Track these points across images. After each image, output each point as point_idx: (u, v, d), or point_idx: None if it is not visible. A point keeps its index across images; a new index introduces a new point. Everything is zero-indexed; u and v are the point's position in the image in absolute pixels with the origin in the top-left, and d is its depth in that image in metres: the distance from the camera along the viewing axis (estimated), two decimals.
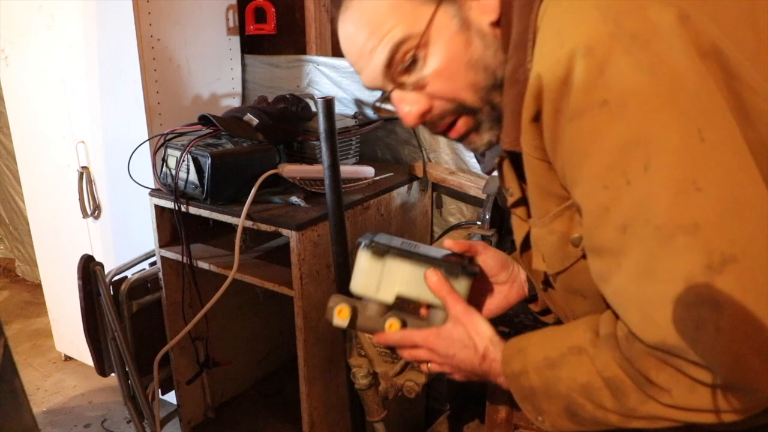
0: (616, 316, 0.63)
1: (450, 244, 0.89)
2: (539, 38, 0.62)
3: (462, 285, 0.84)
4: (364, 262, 0.85)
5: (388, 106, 0.77)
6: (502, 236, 1.57)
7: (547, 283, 0.80)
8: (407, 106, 0.74)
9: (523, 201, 0.76)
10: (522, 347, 0.74)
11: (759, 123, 0.56)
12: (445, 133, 0.77)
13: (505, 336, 0.98)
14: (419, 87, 0.73)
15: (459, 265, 0.84)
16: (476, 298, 0.92)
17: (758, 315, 0.52)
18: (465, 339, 0.80)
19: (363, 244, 0.84)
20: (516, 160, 0.72)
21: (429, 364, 0.86)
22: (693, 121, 0.53)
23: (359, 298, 0.89)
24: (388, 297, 0.86)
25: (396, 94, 0.74)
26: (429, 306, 0.88)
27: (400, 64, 0.71)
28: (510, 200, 0.78)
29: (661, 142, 0.54)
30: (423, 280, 0.84)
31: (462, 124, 0.75)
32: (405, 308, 0.89)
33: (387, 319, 0.87)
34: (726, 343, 0.52)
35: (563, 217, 0.68)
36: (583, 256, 0.68)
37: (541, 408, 0.71)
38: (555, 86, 0.58)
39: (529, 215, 0.77)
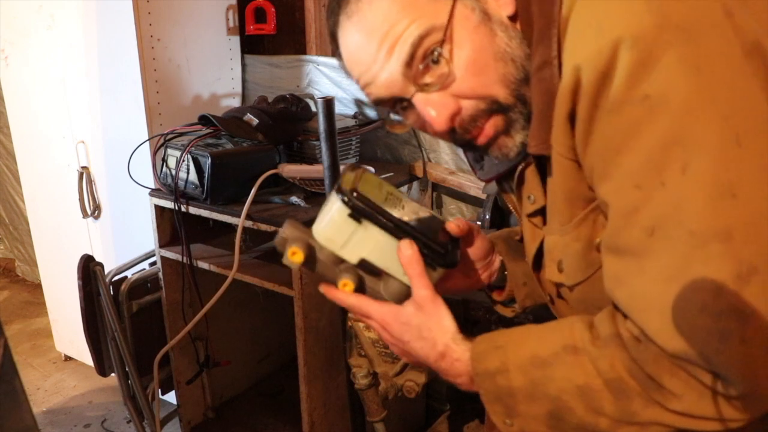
0: (614, 316, 0.61)
1: (453, 227, 0.79)
2: (571, 31, 0.59)
3: (437, 273, 0.76)
4: (337, 217, 0.73)
5: (399, 118, 0.71)
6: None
7: (558, 295, 0.76)
8: (434, 109, 0.67)
9: (542, 210, 0.72)
10: (500, 344, 0.68)
11: None
12: (475, 139, 0.70)
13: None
14: (444, 87, 0.66)
15: (440, 252, 0.74)
16: (444, 278, 0.80)
17: None
18: (423, 330, 0.73)
19: (344, 194, 0.71)
20: (541, 165, 0.69)
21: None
22: (733, 125, 0.52)
23: None
24: (351, 258, 0.75)
25: (420, 97, 0.68)
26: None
27: (422, 62, 0.65)
28: (531, 208, 0.73)
29: (702, 144, 0.52)
30: (395, 259, 0.74)
31: (491, 125, 0.69)
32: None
33: (342, 276, 0.76)
34: (749, 355, 0.52)
35: (588, 220, 0.65)
36: None
37: (515, 410, 0.66)
38: (595, 79, 0.55)
39: (543, 223, 0.73)
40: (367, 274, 0.77)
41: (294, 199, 1.59)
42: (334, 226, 0.74)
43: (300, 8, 2.10)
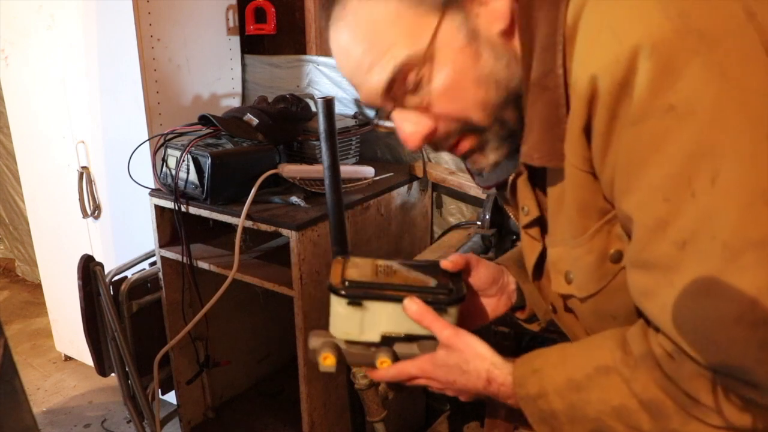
0: (646, 332, 0.61)
1: (448, 265, 0.81)
2: (582, 38, 0.57)
3: (451, 313, 0.77)
4: (340, 309, 0.76)
5: (389, 123, 0.71)
6: (502, 236, 1.57)
7: (566, 307, 0.75)
8: (409, 127, 0.68)
9: (538, 221, 0.72)
10: (537, 368, 0.69)
11: None
12: (450, 151, 0.72)
13: (504, 336, 0.97)
14: (422, 107, 0.67)
15: (444, 294, 0.76)
16: (462, 313, 0.82)
17: None
18: (462, 364, 0.74)
19: (335, 289, 0.75)
20: (535, 176, 0.68)
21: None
22: (764, 128, 0.50)
23: None
24: (374, 338, 0.78)
25: (397, 114, 0.68)
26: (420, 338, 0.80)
27: (402, 86, 0.65)
28: (525, 220, 0.73)
29: (731, 152, 0.50)
30: (406, 320, 0.76)
31: (466, 144, 0.69)
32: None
33: (377, 357, 0.79)
34: None
35: (602, 232, 0.63)
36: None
37: (563, 431, 0.67)
38: (613, 89, 0.54)
39: (542, 234, 0.73)
40: (399, 343, 0.79)
41: (294, 199, 1.59)
42: (342, 320, 0.77)
43: (300, 8, 2.10)
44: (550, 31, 0.60)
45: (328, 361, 0.80)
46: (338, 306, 0.76)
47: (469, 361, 0.74)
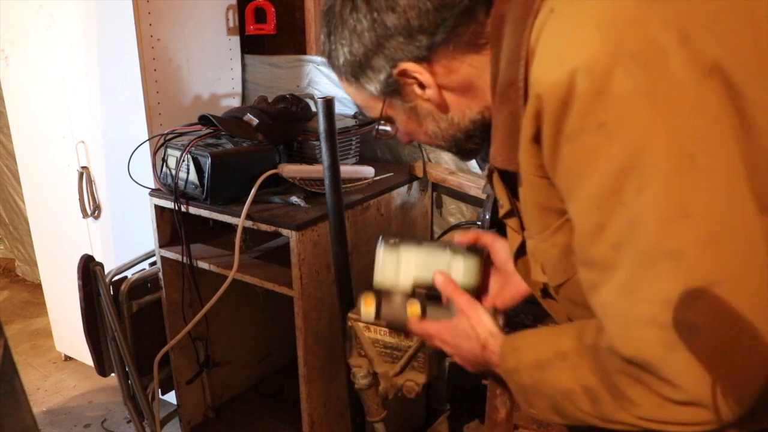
0: (599, 326, 0.65)
1: (458, 238, 0.96)
2: (536, 58, 0.62)
3: (469, 264, 0.92)
4: (382, 255, 0.95)
5: (387, 128, 0.85)
6: (502, 236, 1.57)
7: (546, 293, 0.81)
8: (396, 133, 0.86)
9: (513, 213, 0.78)
10: (516, 346, 0.78)
11: (764, 138, 0.57)
12: None
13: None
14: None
15: (460, 246, 0.93)
16: (490, 288, 0.99)
17: (732, 341, 0.55)
18: (468, 330, 0.85)
19: (380, 240, 0.95)
20: (505, 174, 0.74)
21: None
22: (688, 147, 0.55)
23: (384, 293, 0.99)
24: (406, 283, 0.95)
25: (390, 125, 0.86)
26: None
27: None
28: (501, 212, 0.80)
29: (655, 168, 0.55)
30: (437, 263, 0.93)
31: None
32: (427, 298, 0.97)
33: (409, 303, 0.94)
34: (697, 366, 0.55)
35: (564, 229, 0.69)
36: None
37: (532, 402, 0.75)
38: (555, 107, 0.59)
39: (521, 227, 0.78)
40: (429, 304, 0.94)
41: (294, 199, 1.59)
42: (382, 264, 0.95)
43: (300, 8, 2.10)
44: (515, 46, 0.65)
45: (368, 303, 0.97)
46: (380, 253, 0.95)
47: (475, 326, 0.85)
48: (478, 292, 0.97)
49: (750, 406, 0.58)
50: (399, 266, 0.94)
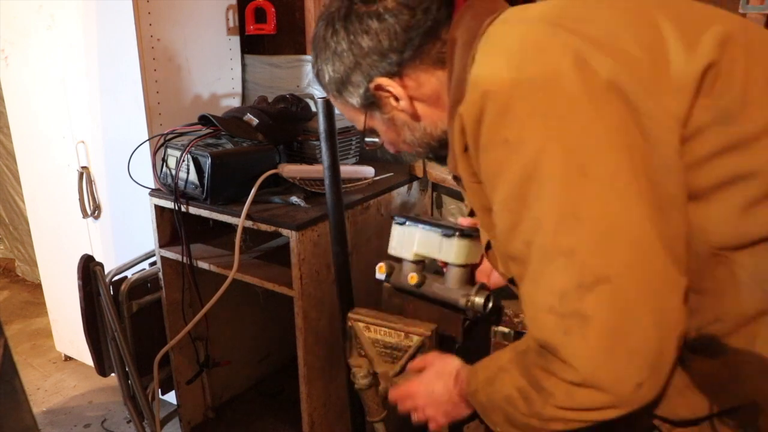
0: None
1: (462, 220, 1.09)
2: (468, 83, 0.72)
3: (461, 245, 1.04)
4: (393, 231, 1.13)
5: (375, 139, 0.95)
6: None
7: (512, 282, 0.86)
8: (381, 143, 0.96)
9: (473, 212, 0.89)
10: (476, 369, 0.85)
11: (660, 147, 0.64)
12: None
13: (504, 336, 1.07)
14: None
15: (454, 228, 1.04)
16: (485, 267, 1.09)
17: (620, 330, 0.62)
18: (439, 369, 0.94)
19: (394, 218, 1.13)
20: (458, 179, 0.85)
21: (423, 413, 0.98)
22: (579, 158, 0.63)
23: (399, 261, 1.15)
24: (409, 255, 1.11)
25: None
26: (446, 263, 1.08)
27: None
28: (466, 210, 0.92)
29: (549, 177, 0.64)
30: (432, 242, 1.07)
31: None
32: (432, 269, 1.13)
33: (410, 274, 1.10)
34: (589, 349, 0.64)
35: None
36: None
37: (492, 419, 0.81)
38: (472, 124, 0.70)
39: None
40: (430, 275, 1.10)
41: (294, 199, 1.59)
42: (393, 237, 1.12)
43: (300, 8, 2.10)
44: (461, 68, 0.77)
45: (381, 270, 1.13)
46: (393, 228, 1.12)
47: (446, 365, 0.94)
48: (473, 268, 1.09)
49: (653, 393, 0.65)
50: (404, 240, 1.11)
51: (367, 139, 0.95)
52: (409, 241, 1.10)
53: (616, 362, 0.63)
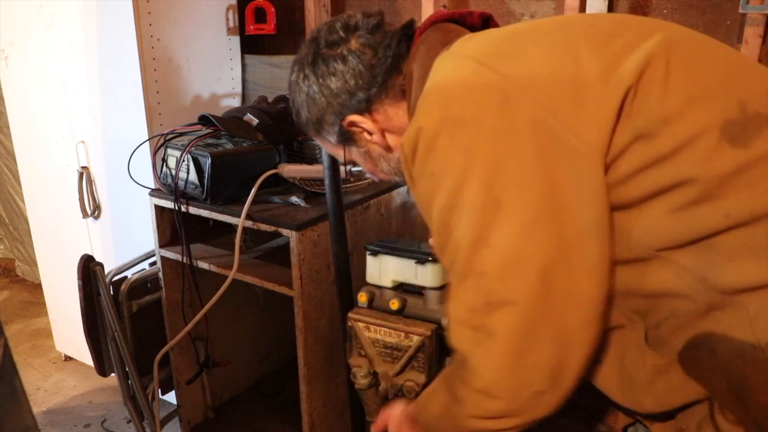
0: None
1: (431, 241, 1.05)
2: None
3: (436, 269, 1.09)
4: (368, 260, 1.18)
5: (359, 168, 1.01)
6: None
7: None
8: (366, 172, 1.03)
9: None
10: (418, 399, 0.93)
11: (582, 178, 0.68)
12: None
13: None
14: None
15: (426, 254, 1.09)
16: None
17: (522, 347, 0.69)
18: (395, 415, 1.01)
19: (366, 248, 1.18)
20: None
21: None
22: (493, 193, 0.69)
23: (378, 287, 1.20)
24: (387, 282, 1.16)
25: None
26: (423, 288, 1.13)
27: None
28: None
29: (468, 207, 0.70)
30: (408, 270, 1.13)
31: None
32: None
33: (391, 300, 1.13)
34: (493, 361, 0.71)
35: None
36: None
37: None
38: (408, 156, 0.77)
39: None
40: (410, 296, 1.15)
41: (294, 199, 1.59)
42: (368, 267, 1.19)
43: (300, 8, 2.10)
44: (415, 101, 0.82)
45: (362, 298, 1.17)
46: (367, 258, 1.18)
47: (399, 412, 1.00)
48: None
49: (555, 401, 0.72)
50: (381, 269, 1.17)
51: (353, 169, 1.02)
52: (385, 269, 1.16)
53: (516, 375, 0.70)
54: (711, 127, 0.67)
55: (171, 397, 2.04)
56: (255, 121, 1.70)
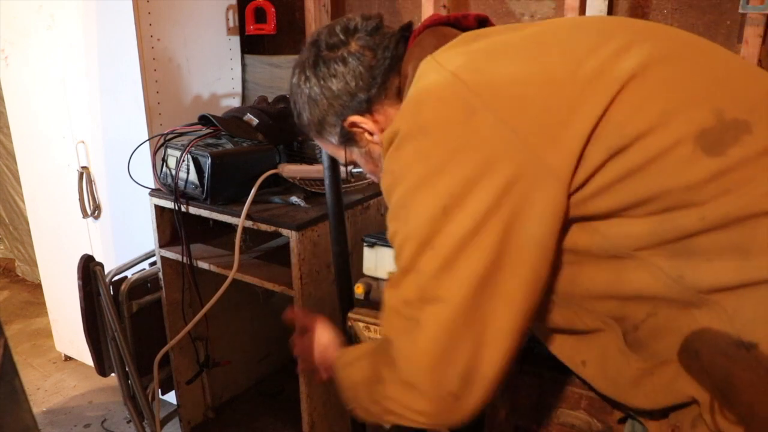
0: None
1: None
2: None
3: None
4: (365, 252, 1.23)
5: (360, 169, 1.03)
6: None
7: None
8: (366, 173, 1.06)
9: None
10: (343, 351, 0.96)
11: (536, 196, 0.70)
12: None
13: None
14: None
15: None
16: None
17: (444, 343, 0.72)
18: (319, 338, 1.07)
19: (363, 240, 1.23)
20: None
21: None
22: (441, 200, 0.72)
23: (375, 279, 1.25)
24: (383, 274, 1.20)
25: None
26: None
27: None
28: None
29: (416, 210, 0.74)
30: None
31: None
32: None
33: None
34: (414, 351, 0.74)
35: None
36: None
37: (346, 396, 0.90)
38: (384, 151, 0.81)
39: None
40: None
41: (294, 199, 1.59)
42: (365, 259, 1.23)
43: (300, 8, 2.10)
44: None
45: (359, 290, 1.23)
46: (364, 250, 1.23)
47: (321, 335, 1.07)
48: None
49: (470, 406, 0.74)
50: (377, 261, 1.20)
51: (353, 170, 1.05)
52: (381, 261, 1.18)
53: (435, 368, 0.73)
54: (685, 137, 0.68)
55: (171, 397, 2.04)
56: (255, 121, 1.70)
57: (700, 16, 1.56)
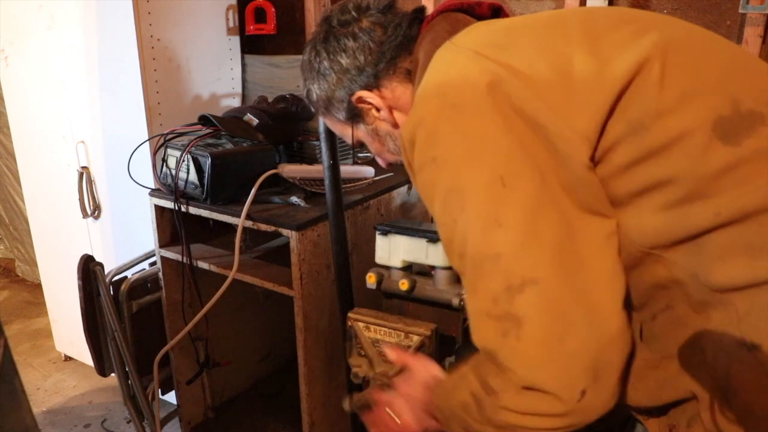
0: None
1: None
2: None
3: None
4: (377, 240, 1.20)
5: (367, 153, 1.02)
6: None
7: None
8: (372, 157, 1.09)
9: None
10: (443, 381, 0.87)
11: (570, 164, 0.69)
12: None
13: None
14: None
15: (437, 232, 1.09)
16: None
17: (554, 330, 0.65)
18: (420, 374, 0.94)
19: (376, 228, 1.20)
20: None
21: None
22: (496, 171, 0.68)
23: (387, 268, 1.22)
24: (397, 263, 1.18)
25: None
26: (433, 267, 1.14)
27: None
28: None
29: (471, 189, 0.69)
30: (419, 249, 1.14)
31: None
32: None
33: (399, 280, 1.16)
34: (524, 350, 0.66)
35: None
36: None
37: (452, 428, 0.83)
38: (407, 146, 0.77)
39: None
40: (419, 277, 1.17)
41: (294, 199, 1.59)
42: (378, 247, 1.20)
43: (300, 8, 2.10)
44: (415, 90, 0.83)
45: (371, 279, 1.20)
46: (376, 238, 1.19)
47: (426, 369, 0.94)
48: None
49: (600, 401, 0.66)
50: (390, 249, 1.18)
51: (359, 154, 1.06)
52: (395, 249, 1.17)
53: (556, 363, 0.65)
54: (703, 124, 0.66)
55: (171, 397, 2.04)
56: (255, 121, 1.70)
57: (700, 16, 1.56)
